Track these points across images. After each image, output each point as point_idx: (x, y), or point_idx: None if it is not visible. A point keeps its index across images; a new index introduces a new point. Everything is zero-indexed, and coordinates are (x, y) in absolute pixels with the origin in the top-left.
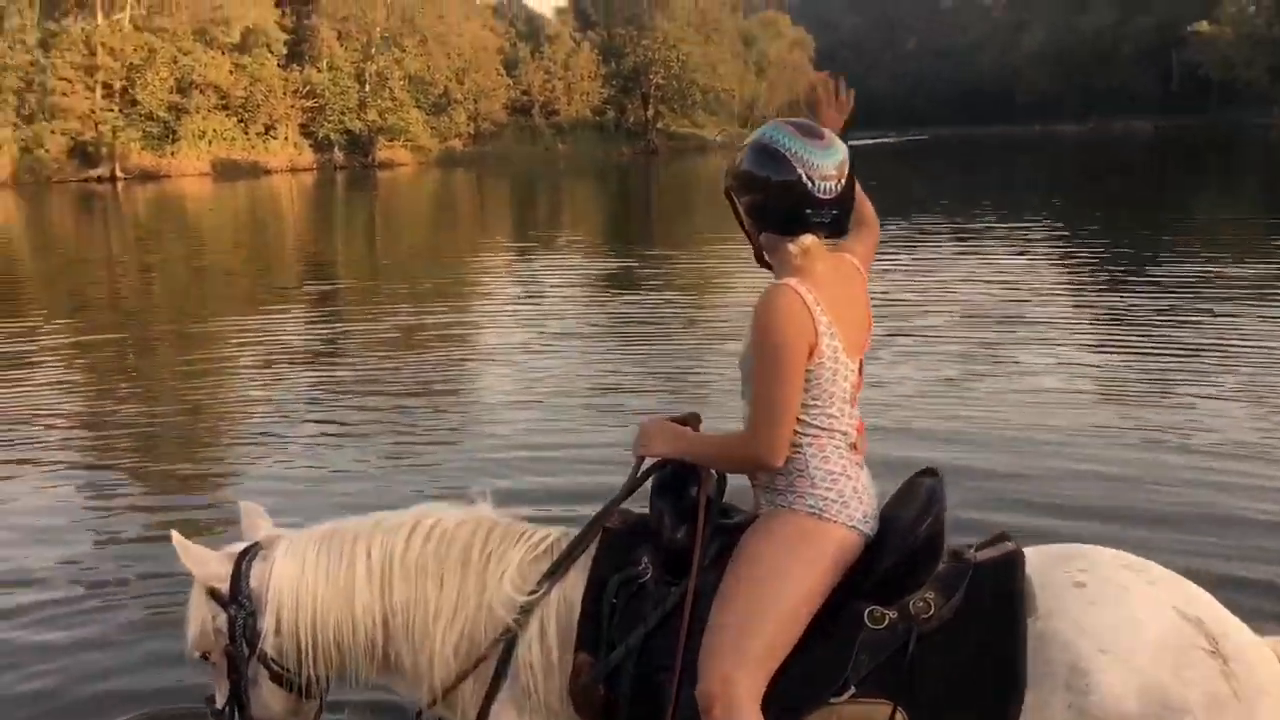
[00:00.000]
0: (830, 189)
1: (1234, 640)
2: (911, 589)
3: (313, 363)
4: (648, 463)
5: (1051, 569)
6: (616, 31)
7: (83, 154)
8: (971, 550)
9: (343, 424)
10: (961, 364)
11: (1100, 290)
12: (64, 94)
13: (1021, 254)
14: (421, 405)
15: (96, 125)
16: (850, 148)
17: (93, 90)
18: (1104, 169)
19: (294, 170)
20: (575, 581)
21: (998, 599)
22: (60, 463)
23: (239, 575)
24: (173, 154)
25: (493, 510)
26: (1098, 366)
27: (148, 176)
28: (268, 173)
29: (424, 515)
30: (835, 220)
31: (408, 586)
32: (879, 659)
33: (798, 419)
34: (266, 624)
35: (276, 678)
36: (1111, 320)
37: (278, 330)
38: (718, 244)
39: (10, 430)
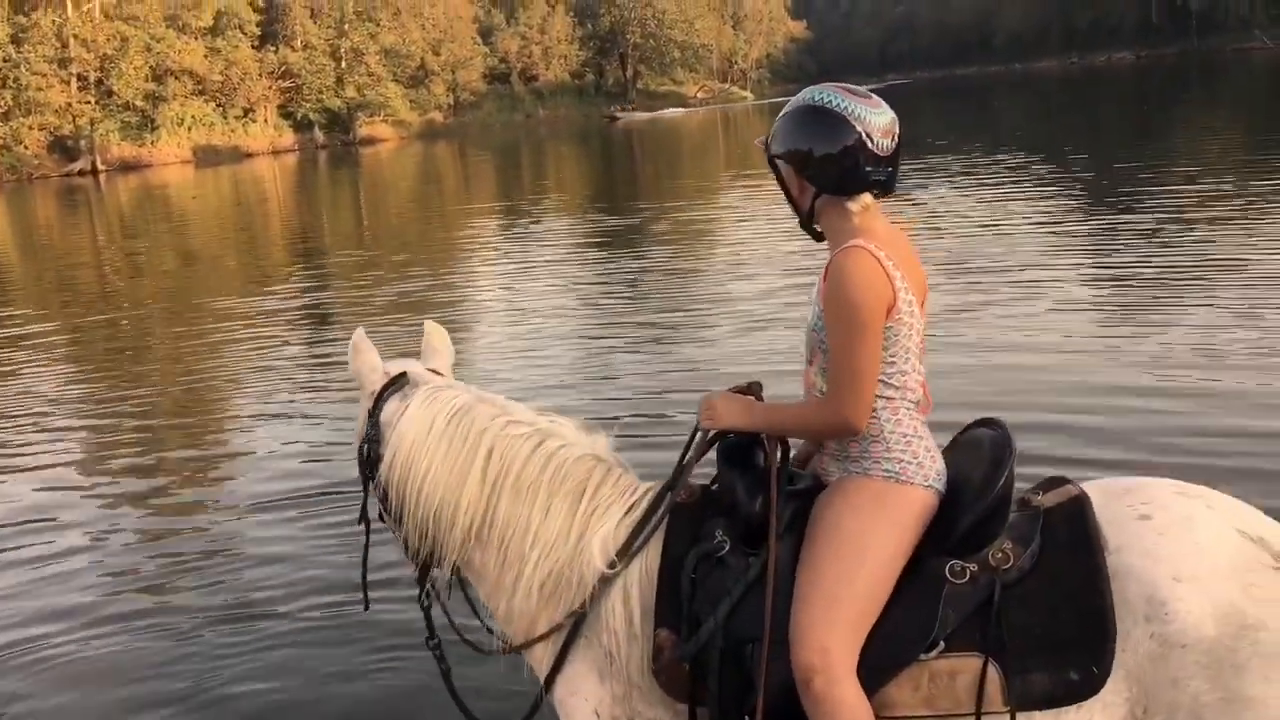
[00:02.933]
0: (886, 146)
1: None
2: (989, 541)
3: (302, 335)
4: (711, 433)
5: (1114, 504)
6: None
7: (62, 148)
8: (1038, 495)
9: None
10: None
11: (1089, 216)
12: (39, 89)
13: (1010, 188)
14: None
15: (74, 118)
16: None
17: (68, 83)
18: (1089, 101)
19: (275, 152)
20: (654, 553)
21: (1074, 543)
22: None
23: (379, 402)
24: (153, 143)
25: (609, 450)
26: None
27: (129, 167)
28: (249, 156)
29: (551, 434)
30: (890, 178)
31: (515, 503)
32: (965, 613)
33: None
34: (384, 461)
35: (383, 509)
36: (1097, 247)
37: (265, 307)
38: (704, 198)
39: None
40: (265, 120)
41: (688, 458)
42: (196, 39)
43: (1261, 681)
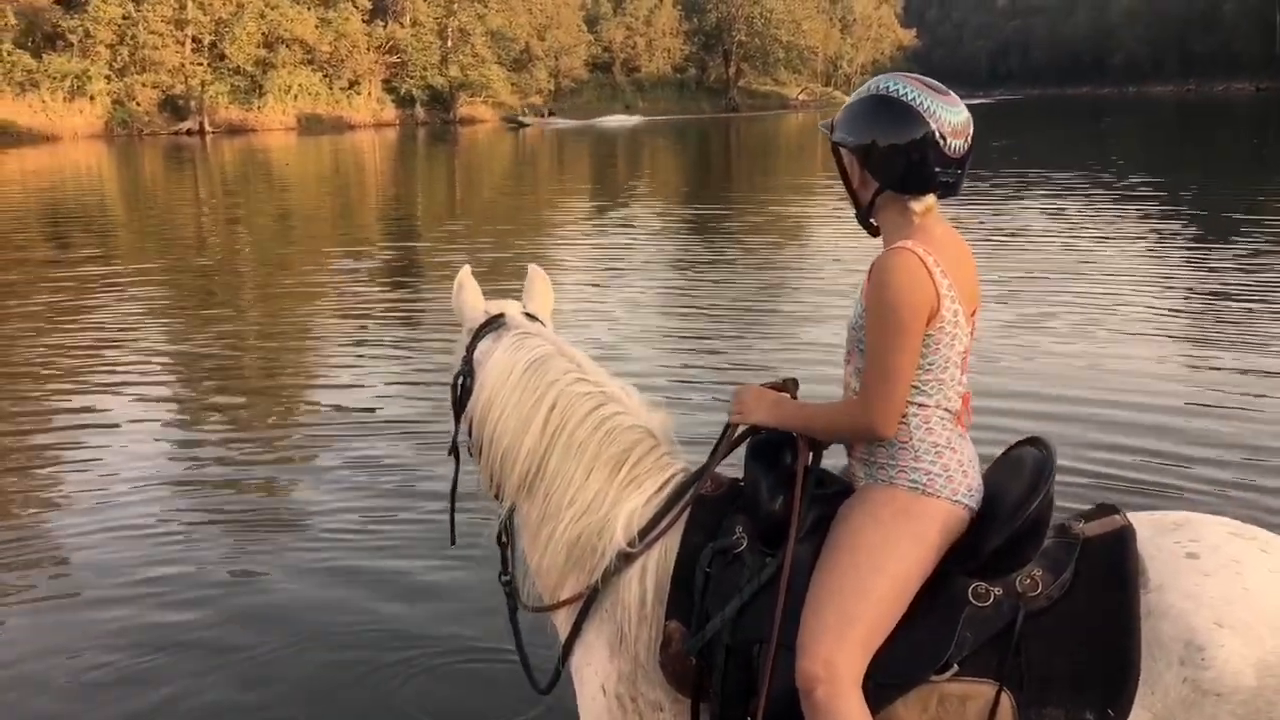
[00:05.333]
0: (959, 148)
1: None
2: (1018, 566)
3: (382, 289)
4: (741, 427)
5: (1160, 539)
6: None
7: (173, 107)
8: (1080, 523)
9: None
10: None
11: (1183, 245)
12: (155, 47)
13: (1108, 210)
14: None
15: (186, 79)
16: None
17: (182, 44)
18: (1201, 130)
19: (377, 125)
20: (674, 540)
21: (1109, 577)
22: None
23: (475, 339)
24: (260, 108)
25: (661, 424)
26: (1168, 314)
27: (234, 130)
28: (351, 128)
29: (612, 398)
30: (957, 180)
31: (565, 459)
32: (984, 637)
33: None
34: (472, 397)
35: (469, 443)
36: (1184, 269)
37: (349, 266)
38: (798, 194)
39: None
40: (369, 94)
41: (717, 450)
42: (309, 9)
43: None
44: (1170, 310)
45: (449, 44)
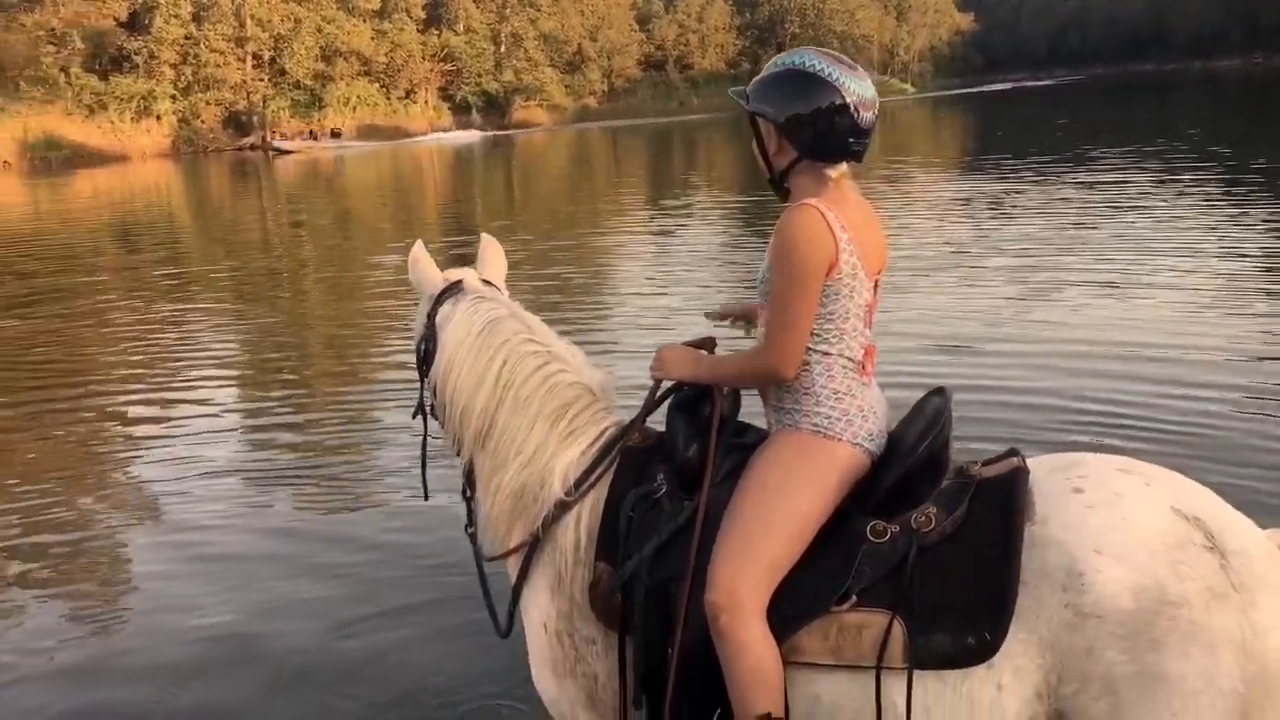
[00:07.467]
0: (869, 120)
1: (1233, 534)
2: (915, 504)
3: None
4: (666, 384)
5: (1050, 477)
6: None
7: (236, 123)
8: (978, 466)
9: None
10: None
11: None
12: (217, 65)
13: (1177, 197)
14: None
15: (248, 95)
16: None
17: (243, 61)
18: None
19: (434, 132)
20: (603, 490)
21: (998, 513)
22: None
23: (434, 307)
24: (319, 120)
25: (600, 381)
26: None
27: None
28: (409, 136)
29: (557, 357)
30: (865, 149)
31: (513, 414)
32: (881, 571)
33: (811, 335)
34: (435, 360)
35: (433, 405)
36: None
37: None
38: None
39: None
40: (425, 101)
41: (644, 406)
42: (365, 21)
43: (1180, 658)
44: (1195, 274)
45: (502, 49)
